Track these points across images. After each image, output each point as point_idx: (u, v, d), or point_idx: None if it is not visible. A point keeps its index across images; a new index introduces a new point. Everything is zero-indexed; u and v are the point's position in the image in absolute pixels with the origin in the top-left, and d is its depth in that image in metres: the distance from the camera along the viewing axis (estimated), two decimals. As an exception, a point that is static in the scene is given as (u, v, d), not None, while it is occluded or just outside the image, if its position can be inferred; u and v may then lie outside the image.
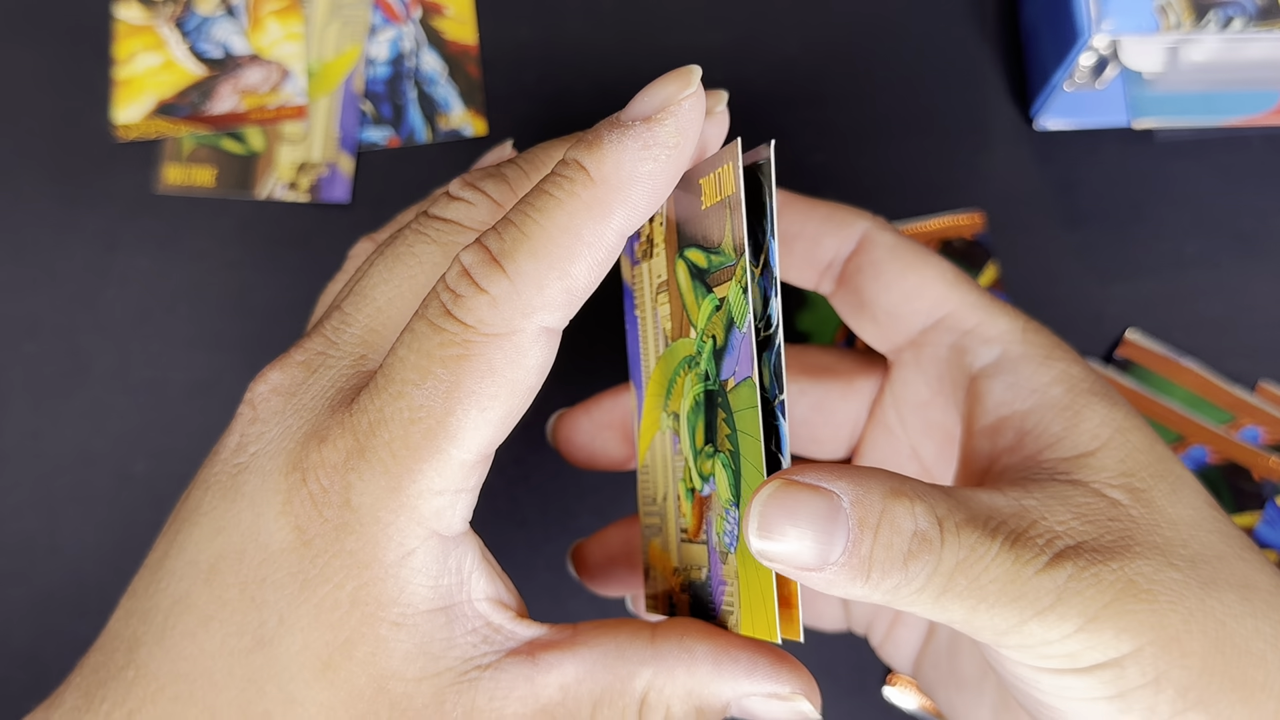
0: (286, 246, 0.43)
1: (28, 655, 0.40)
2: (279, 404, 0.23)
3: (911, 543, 0.21)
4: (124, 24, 0.45)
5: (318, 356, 0.23)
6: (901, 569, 0.21)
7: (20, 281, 0.43)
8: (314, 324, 0.25)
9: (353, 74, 0.45)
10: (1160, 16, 0.37)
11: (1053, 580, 0.21)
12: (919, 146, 0.44)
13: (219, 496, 0.22)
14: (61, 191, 0.44)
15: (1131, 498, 0.23)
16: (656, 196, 0.22)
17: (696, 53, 0.45)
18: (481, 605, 0.22)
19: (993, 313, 0.27)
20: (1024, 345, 0.26)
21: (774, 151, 0.23)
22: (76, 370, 0.42)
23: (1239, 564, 0.23)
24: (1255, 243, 0.43)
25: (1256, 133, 0.43)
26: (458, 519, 0.22)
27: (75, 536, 0.41)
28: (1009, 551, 0.21)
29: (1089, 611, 0.21)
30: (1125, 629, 0.21)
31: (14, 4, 0.46)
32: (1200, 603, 0.22)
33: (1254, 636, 0.22)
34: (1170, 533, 0.23)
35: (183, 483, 0.26)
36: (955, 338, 0.27)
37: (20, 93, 0.45)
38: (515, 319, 0.21)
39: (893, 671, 0.39)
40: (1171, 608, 0.21)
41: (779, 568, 0.21)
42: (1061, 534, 0.22)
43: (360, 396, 0.22)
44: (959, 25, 0.45)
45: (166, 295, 0.43)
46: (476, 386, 0.21)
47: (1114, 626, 0.21)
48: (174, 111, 0.44)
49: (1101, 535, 0.22)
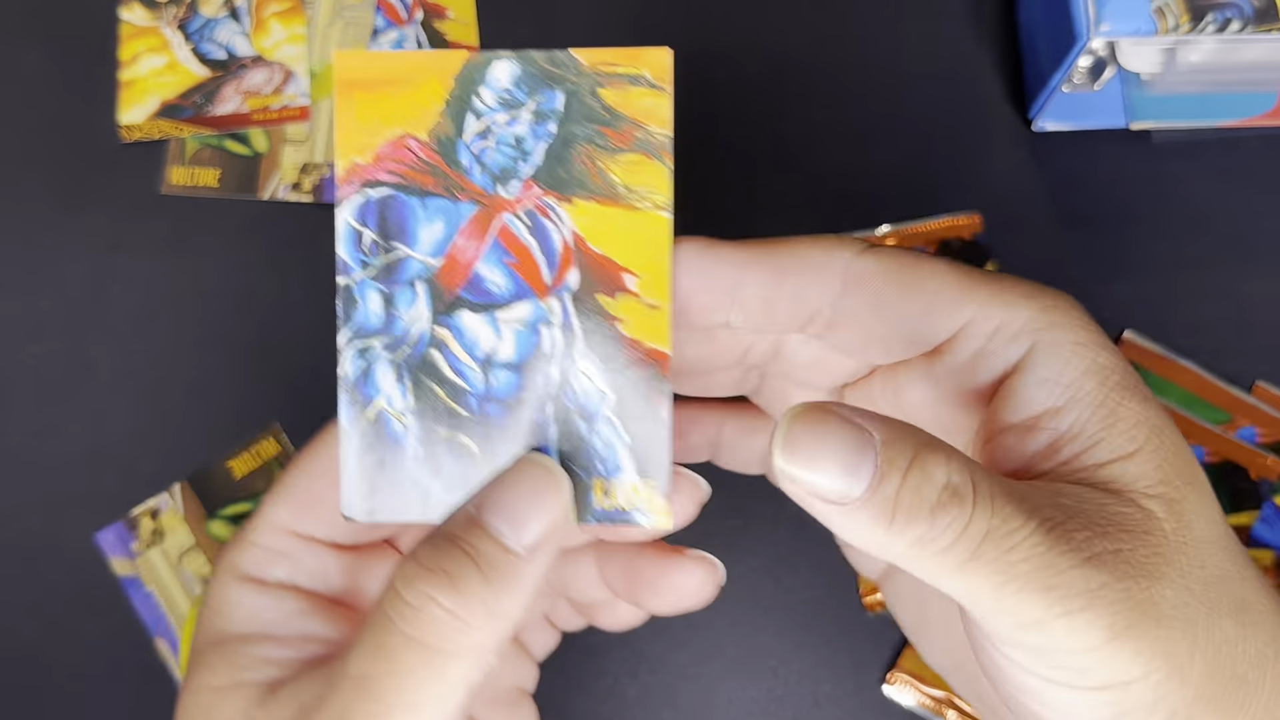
0: (290, 247, 0.44)
1: (28, 655, 0.40)
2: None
3: (942, 494, 0.20)
4: (128, 25, 0.45)
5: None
6: (928, 519, 0.20)
7: (24, 282, 0.43)
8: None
9: (355, 76, 0.45)
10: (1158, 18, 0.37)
11: (1087, 581, 0.20)
12: (918, 148, 0.44)
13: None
14: (66, 192, 0.44)
15: (1166, 509, 0.22)
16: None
17: (697, 52, 0.45)
18: None
19: (1013, 305, 0.24)
20: (1051, 333, 0.24)
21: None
22: (80, 371, 0.43)
23: (1239, 584, 0.22)
24: (1252, 244, 0.43)
25: (1253, 134, 0.44)
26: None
27: (77, 536, 0.41)
28: (1045, 535, 0.20)
29: (1116, 627, 0.20)
30: (1142, 653, 0.20)
31: (19, 5, 0.46)
32: (1205, 630, 0.21)
33: (1241, 660, 0.22)
34: (1193, 553, 0.22)
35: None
36: (978, 344, 0.24)
37: (25, 94, 0.45)
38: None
39: (892, 670, 0.39)
40: (1182, 634, 0.21)
41: (802, 496, 0.21)
42: (1098, 536, 0.21)
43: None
44: (957, 27, 0.46)
45: (170, 296, 0.43)
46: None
47: (1133, 649, 0.20)
48: (178, 113, 0.44)
49: (1136, 549, 0.21)
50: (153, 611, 0.40)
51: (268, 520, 0.26)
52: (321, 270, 0.43)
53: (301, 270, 0.43)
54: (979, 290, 0.25)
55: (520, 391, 0.24)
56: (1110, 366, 0.24)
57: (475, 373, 0.24)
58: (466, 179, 0.24)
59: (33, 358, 0.43)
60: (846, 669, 0.40)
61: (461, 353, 0.24)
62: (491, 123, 0.24)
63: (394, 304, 0.24)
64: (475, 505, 0.23)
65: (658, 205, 0.24)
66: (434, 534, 0.23)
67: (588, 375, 0.24)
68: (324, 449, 0.26)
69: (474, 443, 0.24)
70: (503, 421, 0.24)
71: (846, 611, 0.40)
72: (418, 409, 0.24)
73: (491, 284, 0.24)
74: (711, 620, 0.40)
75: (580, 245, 0.24)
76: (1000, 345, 0.24)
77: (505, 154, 0.24)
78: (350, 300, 0.24)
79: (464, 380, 0.24)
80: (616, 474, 0.24)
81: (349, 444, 0.24)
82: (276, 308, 0.43)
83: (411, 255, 0.24)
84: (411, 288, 0.24)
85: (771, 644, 0.40)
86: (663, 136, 0.24)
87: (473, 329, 0.24)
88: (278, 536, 0.26)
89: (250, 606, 0.25)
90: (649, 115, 0.24)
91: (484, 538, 0.22)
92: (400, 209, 0.24)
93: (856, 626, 0.40)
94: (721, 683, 0.40)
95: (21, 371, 0.42)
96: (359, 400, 0.24)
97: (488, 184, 0.24)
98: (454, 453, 0.24)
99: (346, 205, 0.24)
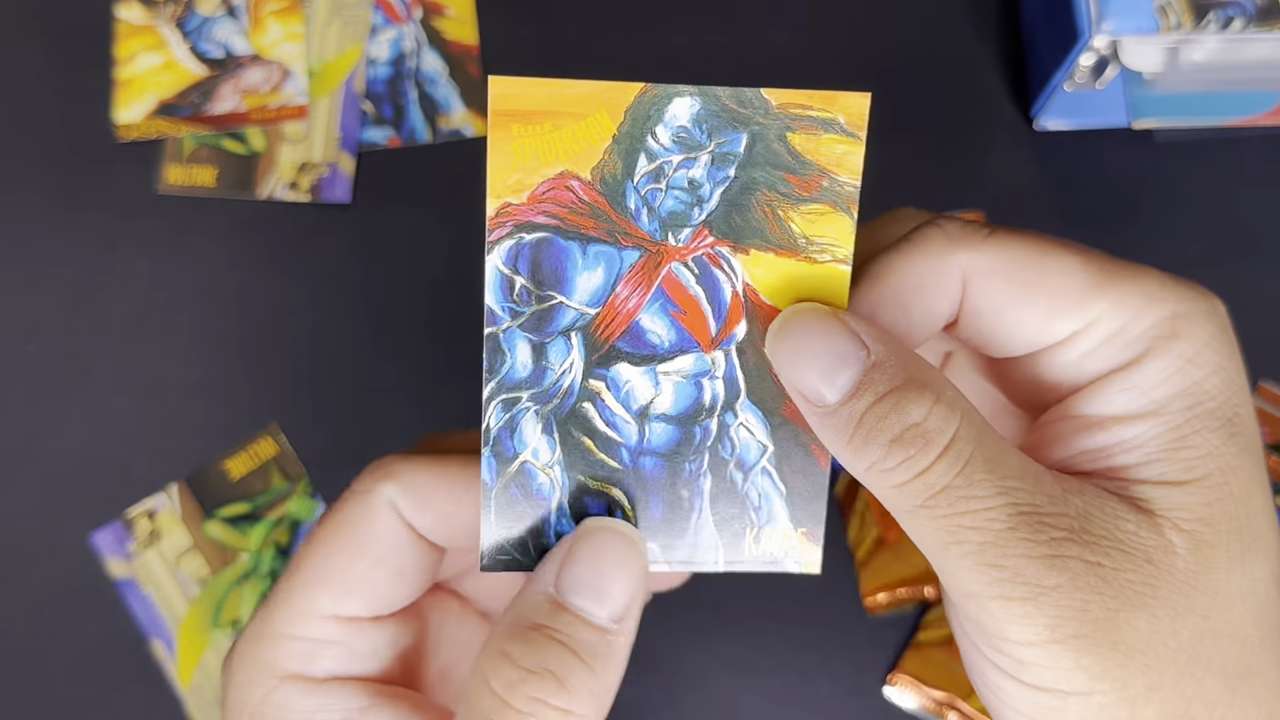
0: (287, 246, 0.43)
1: (27, 656, 0.40)
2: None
3: (907, 430, 0.20)
4: (125, 24, 0.45)
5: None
6: (884, 448, 0.20)
7: (21, 282, 0.43)
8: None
9: (354, 74, 0.45)
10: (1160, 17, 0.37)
11: (1040, 575, 0.20)
12: (919, 146, 0.44)
13: None
14: (62, 192, 0.44)
15: (1191, 547, 0.21)
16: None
17: (697, 52, 0.45)
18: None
19: (1143, 309, 0.22)
20: (1169, 343, 0.22)
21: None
22: (77, 371, 0.42)
23: (1254, 652, 0.21)
24: (1254, 242, 0.43)
25: (1256, 133, 0.44)
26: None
27: (75, 536, 0.41)
28: (1011, 517, 0.20)
29: (1058, 631, 0.20)
30: (1085, 668, 0.20)
31: (15, 4, 0.46)
32: (1176, 678, 0.20)
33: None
34: (1201, 601, 0.20)
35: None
36: (1090, 346, 0.22)
37: (21, 93, 0.45)
38: None
39: (893, 671, 0.39)
40: (1143, 670, 0.20)
41: (787, 384, 0.21)
42: (1082, 545, 0.20)
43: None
44: (959, 26, 0.45)
45: (167, 295, 0.43)
46: None
47: (1074, 660, 0.20)
48: (175, 111, 0.44)
49: (1123, 570, 0.20)
50: (149, 613, 0.40)
51: (302, 609, 0.23)
52: (318, 269, 0.43)
53: (299, 269, 0.43)
54: (1110, 287, 0.22)
55: (677, 443, 0.23)
56: (1212, 393, 0.22)
57: (629, 425, 0.23)
58: (633, 224, 0.22)
59: (29, 357, 0.42)
60: (847, 670, 0.40)
61: (616, 405, 0.23)
62: (665, 163, 0.22)
63: (545, 355, 0.22)
64: (552, 584, 0.22)
65: (838, 259, 0.22)
66: (517, 623, 0.21)
67: (748, 428, 0.23)
68: (352, 526, 0.24)
69: (625, 495, 0.23)
70: (657, 473, 0.23)
71: (846, 612, 0.40)
72: (565, 461, 0.23)
73: (653, 335, 0.23)
74: (712, 621, 0.40)
75: (751, 297, 0.22)
76: (1114, 349, 0.22)
77: (678, 198, 0.22)
78: (497, 351, 0.22)
79: (617, 433, 0.23)
80: (769, 523, 0.23)
81: (490, 497, 0.23)
82: (274, 307, 0.43)
83: (567, 304, 0.22)
84: (566, 338, 0.22)
85: (772, 645, 0.40)
86: (851, 186, 0.22)
87: (630, 381, 0.23)
88: (318, 625, 0.23)
89: (305, 710, 0.23)
90: (838, 164, 0.22)
91: (574, 622, 0.21)
92: (557, 254, 0.22)
93: (857, 627, 0.40)
94: (722, 684, 0.40)
95: (18, 371, 0.42)
96: (503, 454, 0.23)
97: (656, 230, 0.22)
98: (602, 506, 0.23)
99: (497, 250, 0.22)
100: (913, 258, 0.23)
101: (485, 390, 0.22)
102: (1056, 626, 0.20)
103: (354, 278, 0.43)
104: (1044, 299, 0.22)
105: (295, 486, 0.41)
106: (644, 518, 0.23)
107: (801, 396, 0.21)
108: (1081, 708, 0.20)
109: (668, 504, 0.23)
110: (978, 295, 0.23)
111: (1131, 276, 0.22)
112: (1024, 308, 0.22)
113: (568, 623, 0.21)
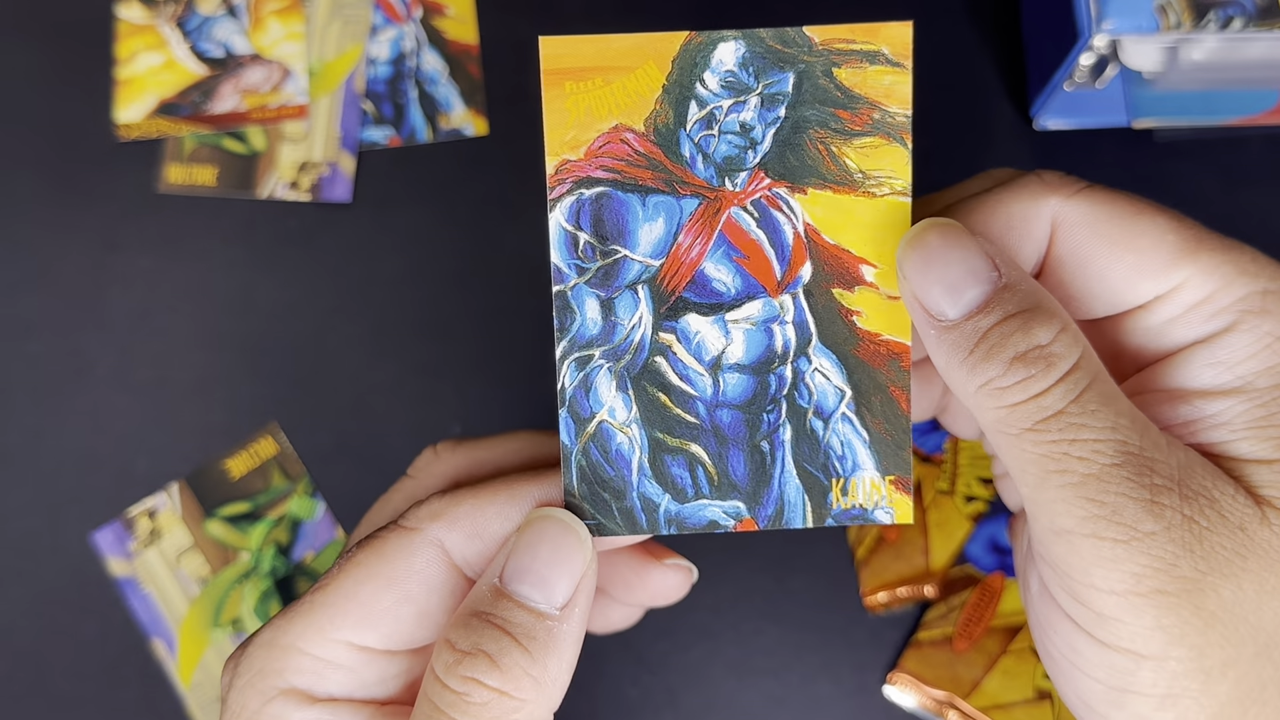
0: (288, 246, 0.43)
1: (28, 655, 0.40)
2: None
3: (1031, 350, 0.19)
4: (125, 23, 0.45)
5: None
6: (1004, 365, 0.20)
7: (22, 281, 0.43)
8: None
9: (354, 73, 0.45)
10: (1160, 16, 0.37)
11: (1138, 518, 0.19)
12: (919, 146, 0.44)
13: None
14: (62, 191, 0.44)
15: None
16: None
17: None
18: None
19: (1232, 278, 0.22)
20: (1257, 319, 0.21)
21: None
22: (78, 370, 0.42)
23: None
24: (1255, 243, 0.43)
25: (1256, 132, 0.44)
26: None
27: (75, 536, 0.41)
28: (1121, 454, 0.19)
29: (1144, 582, 0.19)
30: (1164, 628, 0.19)
31: (15, 3, 0.46)
32: (1255, 658, 0.20)
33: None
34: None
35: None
36: (1176, 312, 0.22)
37: (21, 92, 0.45)
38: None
39: (894, 670, 0.39)
40: (1221, 641, 0.19)
41: (909, 297, 0.21)
42: (1183, 498, 0.19)
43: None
44: (959, 25, 0.45)
45: (168, 294, 0.43)
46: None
47: (1154, 617, 0.19)
48: (175, 111, 0.44)
49: (1218, 533, 0.19)
50: (149, 612, 0.40)
51: (320, 627, 0.23)
52: (318, 269, 0.43)
53: (299, 269, 0.43)
54: (1201, 255, 0.22)
55: (752, 394, 0.23)
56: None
57: (703, 377, 0.23)
58: (689, 172, 0.22)
59: (30, 357, 0.42)
60: (847, 669, 0.40)
61: (688, 357, 0.23)
62: (715, 109, 0.22)
63: (614, 310, 0.22)
64: (497, 575, 0.22)
65: (897, 191, 0.22)
66: (461, 613, 0.22)
67: (824, 373, 0.23)
68: (390, 557, 0.23)
69: (704, 452, 0.23)
70: (735, 426, 0.23)
71: (846, 612, 0.40)
72: (643, 419, 0.23)
73: (719, 283, 0.22)
74: (712, 621, 0.40)
75: (813, 237, 0.22)
76: (1199, 318, 0.22)
77: (731, 143, 0.22)
78: (566, 308, 0.22)
79: (691, 386, 0.23)
80: (855, 473, 0.23)
81: (571, 460, 0.23)
82: (274, 306, 0.43)
83: (631, 257, 0.22)
84: (632, 292, 0.22)
85: (772, 645, 0.40)
86: (902, 117, 0.22)
87: (699, 331, 0.22)
88: (332, 647, 0.23)
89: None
90: (888, 95, 0.22)
91: (514, 608, 0.21)
92: (617, 207, 0.22)
93: (857, 627, 0.40)
94: (722, 684, 0.40)
95: (19, 371, 0.42)
96: (579, 414, 0.23)
97: (712, 176, 0.22)
98: (683, 463, 0.23)
99: (559, 207, 0.22)
100: (1004, 198, 0.23)
101: (558, 349, 0.22)
102: (1144, 578, 0.19)
103: (354, 277, 0.43)
104: (1131, 256, 0.22)
105: (295, 486, 0.41)
106: (725, 475, 0.23)
107: (921, 309, 0.21)
108: (1154, 674, 0.20)
109: (749, 459, 0.23)
110: (1065, 244, 0.22)
111: (1225, 248, 0.22)
112: (1110, 263, 0.22)
113: (505, 608, 0.21)
